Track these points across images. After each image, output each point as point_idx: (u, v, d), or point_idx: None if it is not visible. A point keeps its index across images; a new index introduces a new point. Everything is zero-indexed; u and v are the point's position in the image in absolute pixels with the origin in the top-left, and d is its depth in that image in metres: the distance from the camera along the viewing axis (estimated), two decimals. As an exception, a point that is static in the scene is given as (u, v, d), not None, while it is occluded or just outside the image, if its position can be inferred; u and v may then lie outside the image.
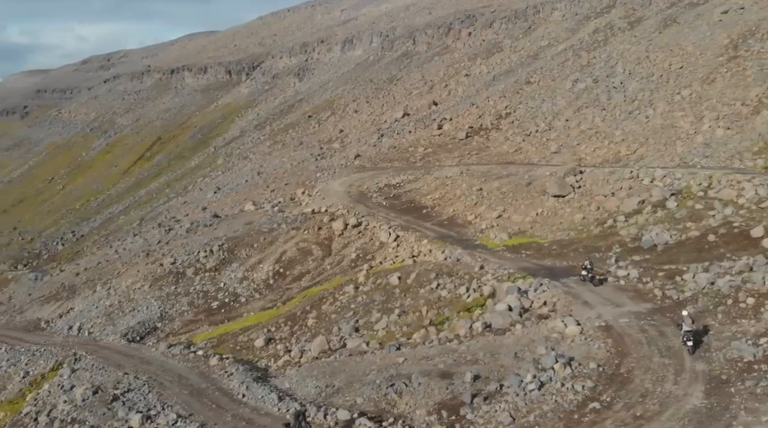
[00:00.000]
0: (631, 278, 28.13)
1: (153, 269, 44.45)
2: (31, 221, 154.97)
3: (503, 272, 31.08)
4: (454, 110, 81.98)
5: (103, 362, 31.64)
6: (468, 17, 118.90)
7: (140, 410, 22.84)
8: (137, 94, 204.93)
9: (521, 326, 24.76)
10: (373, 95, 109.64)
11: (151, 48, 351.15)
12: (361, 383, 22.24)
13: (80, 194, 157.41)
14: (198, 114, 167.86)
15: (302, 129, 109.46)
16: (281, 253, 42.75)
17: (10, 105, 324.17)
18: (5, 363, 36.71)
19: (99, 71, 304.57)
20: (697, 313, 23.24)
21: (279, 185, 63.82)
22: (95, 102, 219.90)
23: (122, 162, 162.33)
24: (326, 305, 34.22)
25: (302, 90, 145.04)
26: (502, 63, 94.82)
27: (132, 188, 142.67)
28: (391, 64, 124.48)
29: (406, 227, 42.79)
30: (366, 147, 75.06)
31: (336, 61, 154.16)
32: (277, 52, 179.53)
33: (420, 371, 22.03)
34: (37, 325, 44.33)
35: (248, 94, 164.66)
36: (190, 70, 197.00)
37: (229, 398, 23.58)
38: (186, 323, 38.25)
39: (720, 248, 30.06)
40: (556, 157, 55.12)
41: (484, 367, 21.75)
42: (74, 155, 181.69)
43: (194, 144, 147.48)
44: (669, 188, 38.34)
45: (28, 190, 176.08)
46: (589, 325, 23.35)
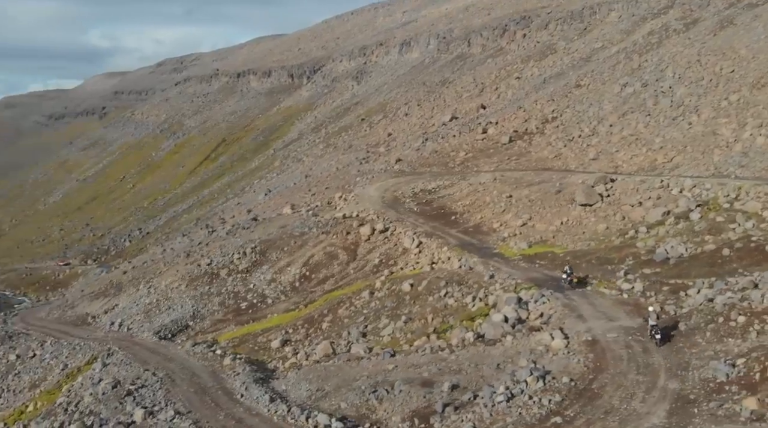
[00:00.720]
0: (635, 291, 27.98)
1: (191, 269, 46.74)
2: (102, 218, 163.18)
3: (511, 283, 31.40)
4: (501, 113, 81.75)
5: (131, 358, 33.82)
6: (523, 18, 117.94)
7: (145, 405, 24.55)
8: (205, 96, 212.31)
9: (512, 337, 25.14)
10: (424, 98, 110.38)
11: (222, 51, 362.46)
12: (348, 388, 23.20)
13: (148, 193, 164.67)
14: (261, 117, 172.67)
15: (354, 132, 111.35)
16: (309, 256, 44.18)
17: (90, 106, 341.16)
18: (48, 356, 39.61)
19: (172, 74, 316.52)
20: (689, 330, 23.13)
21: (320, 188, 65.51)
22: (166, 104, 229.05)
23: (189, 162, 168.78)
24: (342, 310, 35.35)
25: (359, 93, 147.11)
26: (554, 65, 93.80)
27: (196, 187, 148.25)
28: (445, 67, 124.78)
29: (430, 233, 43.43)
30: (409, 151, 75.88)
31: (393, 64, 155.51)
32: (337, 56, 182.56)
33: (403, 378, 22.83)
34: (85, 320, 47.36)
35: (308, 97, 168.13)
36: (255, 74, 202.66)
37: (229, 397, 24.99)
38: (215, 322, 40.16)
39: (733, 263, 29.45)
40: (593, 164, 54.43)
41: (465, 377, 22.34)
42: (144, 155, 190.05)
43: (256, 146, 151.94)
44: (695, 199, 37.56)
45: (101, 188, 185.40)
46: (576, 339, 23.54)
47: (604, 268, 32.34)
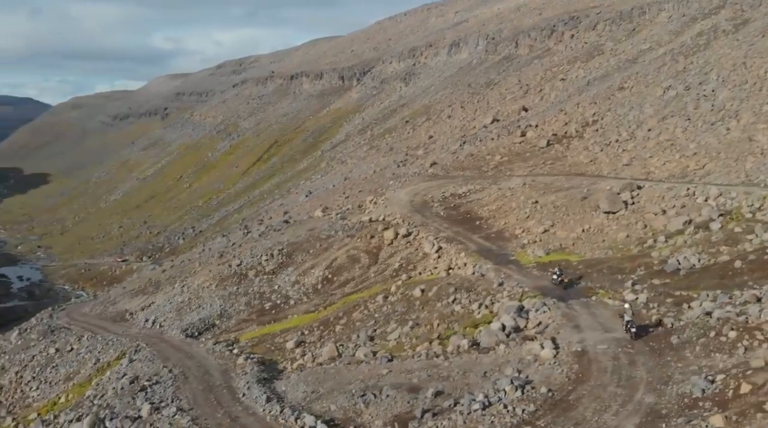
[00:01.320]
0: (638, 302, 27.78)
1: (222, 269, 48.50)
2: (159, 216, 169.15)
3: (518, 291, 31.62)
4: (542, 116, 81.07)
5: (156, 355, 35.58)
6: (572, 19, 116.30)
7: (153, 401, 25.97)
8: (260, 98, 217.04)
9: (505, 346, 25.45)
10: (468, 100, 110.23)
11: (279, 53, 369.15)
12: (340, 391, 24.03)
13: (203, 192, 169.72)
14: (311, 118, 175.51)
15: (398, 134, 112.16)
16: (333, 259, 45.23)
17: (153, 107, 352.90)
18: (84, 350, 41.88)
19: (231, 76, 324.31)
20: (680, 344, 23.02)
21: (354, 191, 66.57)
22: (223, 106, 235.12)
23: (242, 163, 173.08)
24: (356, 313, 36.21)
25: (406, 95, 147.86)
26: (599, 67, 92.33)
27: (248, 188, 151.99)
28: (492, 68, 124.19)
29: (451, 239, 43.84)
30: (445, 154, 76.18)
31: (441, 65, 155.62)
32: (387, 57, 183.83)
33: (393, 383, 23.51)
34: (123, 316, 49.70)
35: (357, 99, 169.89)
36: (307, 76, 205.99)
37: (232, 396, 26.17)
38: (239, 321, 41.65)
39: (744, 275, 28.92)
40: (626, 169, 53.62)
41: (451, 384, 22.84)
42: (201, 155, 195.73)
43: (305, 147, 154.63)
44: (719, 208, 36.82)
45: (159, 187, 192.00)
46: (566, 349, 23.71)
47: (614, 278, 32.18)
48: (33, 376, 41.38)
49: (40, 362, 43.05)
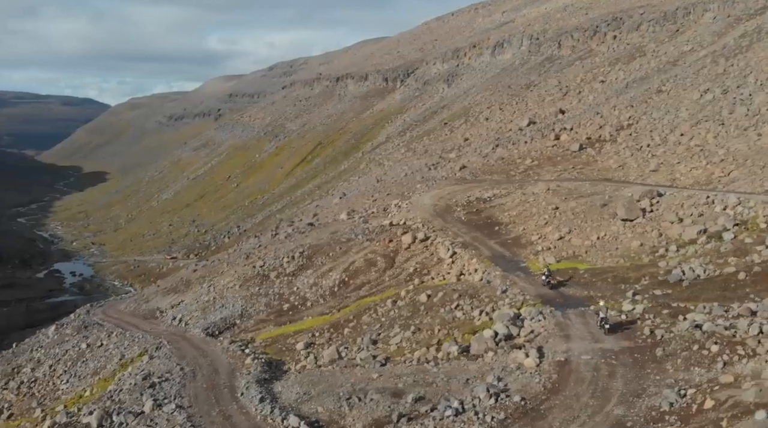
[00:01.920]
0: (635, 313, 27.77)
1: (246, 270, 50.02)
2: (207, 214, 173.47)
3: (519, 298, 31.90)
4: (578, 119, 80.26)
5: (174, 352, 37.13)
6: (615, 19, 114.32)
7: (157, 398, 27.33)
8: (307, 100, 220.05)
9: (493, 353, 25.87)
10: (507, 102, 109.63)
11: (328, 55, 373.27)
12: (329, 393, 24.88)
13: (250, 192, 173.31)
14: (355, 120, 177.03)
15: (435, 136, 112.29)
16: (351, 263, 46.15)
17: (207, 108, 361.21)
18: (112, 346, 43.91)
19: (282, 77, 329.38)
20: (664, 356, 23.04)
21: (383, 194, 67.31)
22: (272, 107, 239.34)
23: (287, 164, 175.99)
24: (365, 317, 37.01)
25: (447, 96, 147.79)
26: (639, 69, 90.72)
27: (291, 188, 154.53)
28: (533, 69, 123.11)
29: (467, 244, 44.18)
30: (476, 158, 76.21)
31: (485, 66, 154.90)
32: (431, 58, 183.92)
33: (379, 387, 24.25)
34: (153, 314, 51.75)
35: (400, 100, 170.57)
36: (352, 78, 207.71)
37: (231, 395, 27.31)
38: (258, 322, 42.99)
39: (747, 288, 28.60)
40: (652, 175, 52.92)
41: (433, 390, 23.44)
42: (249, 156, 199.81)
43: (347, 149, 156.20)
44: (735, 218, 36.23)
45: (208, 186, 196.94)
46: (550, 358, 24.01)
47: (617, 287, 32.12)
48: (64, 370, 43.65)
49: (71, 356, 45.35)
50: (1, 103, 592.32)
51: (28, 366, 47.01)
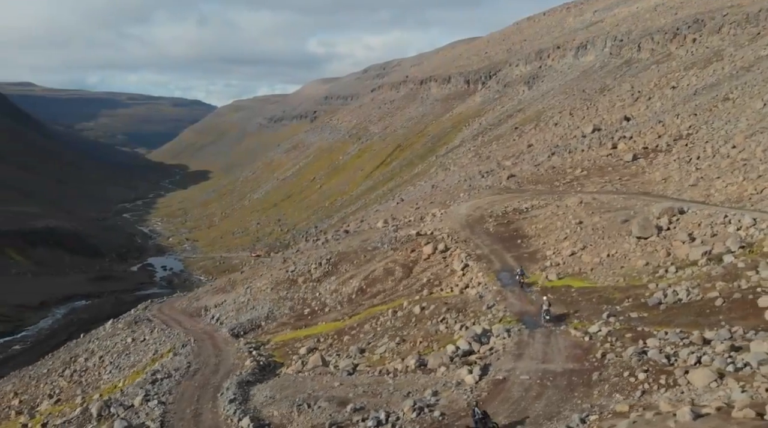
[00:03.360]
0: (599, 335, 28.01)
1: (279, 274, 52.98)
2: (291, 214, 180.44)
3: (500, 315, 32.68)
4: (640, 126, 78.15)
5: (194, 351, 40.46)
6: (696, 21, 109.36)
7: (149, 393, 30.38)
8: (391, 103, 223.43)
9: (445, 369, 26.98)
10: (578, 107, 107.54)
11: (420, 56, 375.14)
12: (288, 399, 26.93)
13: (331, 194, 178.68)
14: (434, 122, 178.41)
15: (504, 142, 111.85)
16: (371, 271, 47.95)
17: (303, 110, 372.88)
18: (152, 341, 47.96)
19: (375, 80, 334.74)
20: (597, 381, 23.46)
21: (426, 202, 68.55)
22: (359, 110, 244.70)
23: (367, 166, 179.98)
24: (367, 325, 38.78)
25: (525, 99, 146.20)
26: (713, 74, 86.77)
27: (367, 190, 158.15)
28: (611, 73, 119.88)
29: (482, 257, 44.90)
30: (529, 166, 75.84)
31: (567, 68, 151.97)
32: (514, 60, 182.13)
33: (330, 396, 26.04)
34: (199, 312, 55.67)
35: (480, 103, 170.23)
36: (435, 80, 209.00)
37: (213, 394, 29.87)
38: (279, 324, 45.68)
39: (720, 314, 28.08)
40: (689, 190, 51.38)
41: (375, 401, 24.96)
42: (333, 158, 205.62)
43: (424, 152, 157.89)
44: (743, 240, 35.13)
45: (294, 187, 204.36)
46: (490, 377, 24.92)
47: (599, 307, 32.15)
48: (110, 361, 48.16)
49: (118, 349, 49.87)
50: (117, 104, 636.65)
51: (83, 356, 52.09)
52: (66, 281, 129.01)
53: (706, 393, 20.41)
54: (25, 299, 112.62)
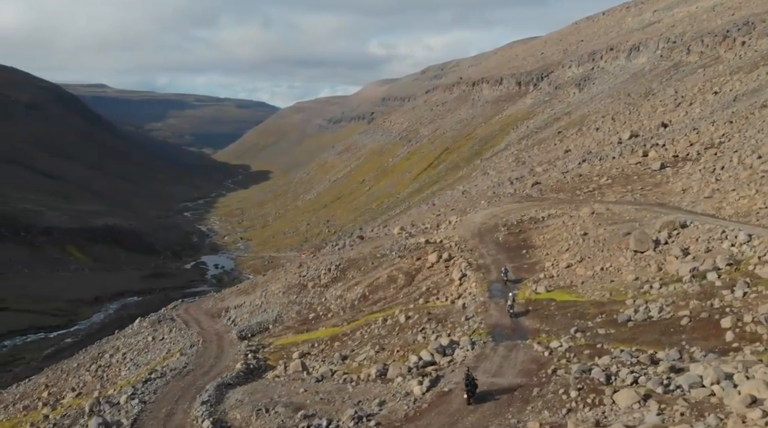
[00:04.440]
0: (559, 351, 28.35)
1: (293, 279, 54.79)
2: (340, 216, 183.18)
3: (473, 327, 33.31)
4: (675, 133, 76.41)
5: (198, 351, 42.63)
6: (746, 24, 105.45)
7: (137, 391, 32.48)
8: (443, 105, 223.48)
9: (401, 379, 27.84)
10: (621, 112, 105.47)
11: (479, 57, 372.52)
12: (252, 403, 28.36)
13: (379, 196, 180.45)
14: (483, 125, 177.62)
15: (545, 147, 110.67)
16: (376, 278, 49.08)
17: (361, 111, 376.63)
18: (168, 341, 50.52)
19: (432, 81, 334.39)
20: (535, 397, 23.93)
21: (447, 209, 69.12)
22: (412, 112, 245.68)
23: (415, 169, 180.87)
24: (358, 333, 39.97)
25: (574, 102, 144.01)
26: (756, 80, 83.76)
27: (413, 193, 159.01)
28: (658, 76, 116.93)
29: (482, 267, 45.35)
30: (557, 173, 75.22)
31: (618, 71, 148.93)
32: (567, 61, 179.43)
33: (289, 402, 27.41)
34: (219, 313, 58.12)
35: (530, 105, 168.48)
36: (487, 82, 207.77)
37: (193, 395, 31.68)
38: (285, 328, 47.39)
39: (683, 334, 28.03)
40: (703, 203, 50.30)
41: (327, 408, 26.13)
42: (383, 160, 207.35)
43: (470, 155, 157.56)
44: (732, 257, 34.59)
45: (344, 189, 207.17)
46: (439, 389, 25.65)
47: (572, 322, 32.33)
48: (131, 358, 51.00)
49: (139, 347, 52.71)
50: (185, 106, 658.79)
51: (109, 352, 55.25)
52: (121, 277, 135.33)
53: (625, 414, 20.71)
54: (81, 294, 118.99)
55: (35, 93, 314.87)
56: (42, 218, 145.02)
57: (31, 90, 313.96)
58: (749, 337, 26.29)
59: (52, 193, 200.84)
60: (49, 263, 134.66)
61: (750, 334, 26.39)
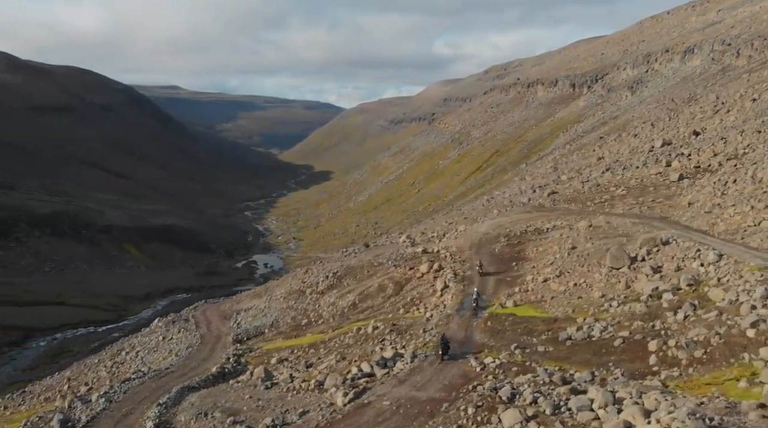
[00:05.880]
0: (489, 367, 29.02)
1: (295, 284, 56.84)
2: (388, 218, 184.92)
3: (427, 340, 34.32)
4: (703, 143, 74.33)
5: (191, 353, 45.25)
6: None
7: (109, 391, 35.09)
8: (498, 107, 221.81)
9: (335, 389, 29.20)
10: (662, 118, 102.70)
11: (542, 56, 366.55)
12: (198, 407, 30.35)
13: (426, 198, 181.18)
14: (534, 128, 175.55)
15: (583, 152, 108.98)
16: (368, 287, 50.46)
17: (423, 112, 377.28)
18: (175, 340, 53.46)
19: (494, 81, 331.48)
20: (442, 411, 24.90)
21: (460, 218, 69.63)
22: (467, 114, 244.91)
23: (464, 172, 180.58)
24: (333, 341, 41.54)
25: (623, 106, 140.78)
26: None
27: (459, 196, 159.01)
28: (705, 81, 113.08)
29: (465, 278, 46.06)
30: (577, 183, 74.49)
31: (671, 74, 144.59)
32: (623, 63, 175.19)
33: (226, 407, 29.28)
34: (231, 315, 60.88)
35: (582, 108, 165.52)
36: (543, 84, 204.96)
37: (158, 397, 34.03)
38: (277, 333, 49.46)
39: (612, 355, 28.25)
40: (699, 218, 49.22)
41: (256, 415, 27.81)
42: (434, 162, 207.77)
43: (518, 159, 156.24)
44: (693, 277, 34.29)
45: (395, 191, 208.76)
46: (360, 401, 26.91)
47: (519, 338, 32.87)
48: (141, 357, 54.23)
49: (150, 346, 55.97)
50: (254, 107, 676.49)
51: (126, 349, 58.88)
52: (173, 275, 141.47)
53: (504, 435, 21.50)
54: (133, 290, 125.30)
55: (109, 95, 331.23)
56: (102, 217, 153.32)
57: (105, 92, 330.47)
58: (670, 362, 26.34)
59: (120, 192, 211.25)
60: (107, 260, 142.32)
61: (671, 359, 26.43)
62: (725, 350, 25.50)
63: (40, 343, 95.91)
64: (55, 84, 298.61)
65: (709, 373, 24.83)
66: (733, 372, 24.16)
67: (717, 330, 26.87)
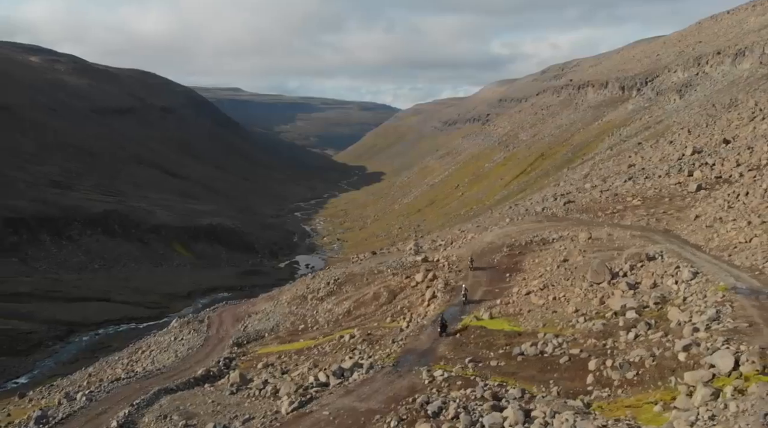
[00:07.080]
0: (438, 380, 29.65)
1: (299, 289, 58.40)
2: (430, 221, 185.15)
3: (393, 351, 35.15)
4: (731, 152, 72.28)
5: (190, 355, 47.33)
6: None
7: (97, 389, 37.31)
8: (547, 109, 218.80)
9: (287, 398, 30.40)
10: (699, 124, 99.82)
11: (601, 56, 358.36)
12: (165, 410, 32.06)
13: (469, 202, 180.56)
14: (581, 131, 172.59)
15: (619, 159, 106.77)
16: (364, 294, 51.45)
17: (477, 113, 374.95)
18: (184, 341, 55.78)
19: (552, 81, 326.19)
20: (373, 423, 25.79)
21: (473, 226, 69.74)
22: (517, 116, 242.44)
23: (508, 175, 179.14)
24: (319, 348, 42.84)
25: (669, 110, 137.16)
26: (837, 91, 76.68)
27: (501, 200, 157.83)
28: (748, 85, 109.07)
29: (454, 288, 46.59)
30: (596, 192, 73.47)
31: (720, 77, 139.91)
32: (674, 65, 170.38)
33: (186, 411, 30.89)
34: (243, 317, 62.95)
35: (630, 111, 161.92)
36: (593, 86, 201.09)
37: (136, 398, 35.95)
38: (274, 338, 51.00)
39: (556, 373, 28.52)
40: (698, 232, 48.25)
41: (208, 419, 29.20)
42: (479, 165, 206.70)
43: (561, 163, 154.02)
44: (662, 296, 34.02)
45: (439, 193, 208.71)
46: (304, 409, 28.07)
47: (476, 351, 33.32)
48: (154, 356, 56.78)
49: (163, 346, 58.55)
50: (312, 108, 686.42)
51: (143, 348, 61.72)
52: (217, 274, 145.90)
53: (409, 450, 22.25)
54: (177, 288, 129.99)
55: (170, 97, 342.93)
56: (152, 217, 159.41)
57: (166, 94, 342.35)
58: (604, 382, 26.45)
59: (175, 192, 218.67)
60: (155, 258, 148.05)
61: (605, 379, 26.54)
62: (655, 372, 25.47)
63: (83, 338, 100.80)
64: (118, 87, 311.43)
65: (635, 395, 24.91)
66: (656, 395, 24.16)
67: (654, 352, 26.83)
